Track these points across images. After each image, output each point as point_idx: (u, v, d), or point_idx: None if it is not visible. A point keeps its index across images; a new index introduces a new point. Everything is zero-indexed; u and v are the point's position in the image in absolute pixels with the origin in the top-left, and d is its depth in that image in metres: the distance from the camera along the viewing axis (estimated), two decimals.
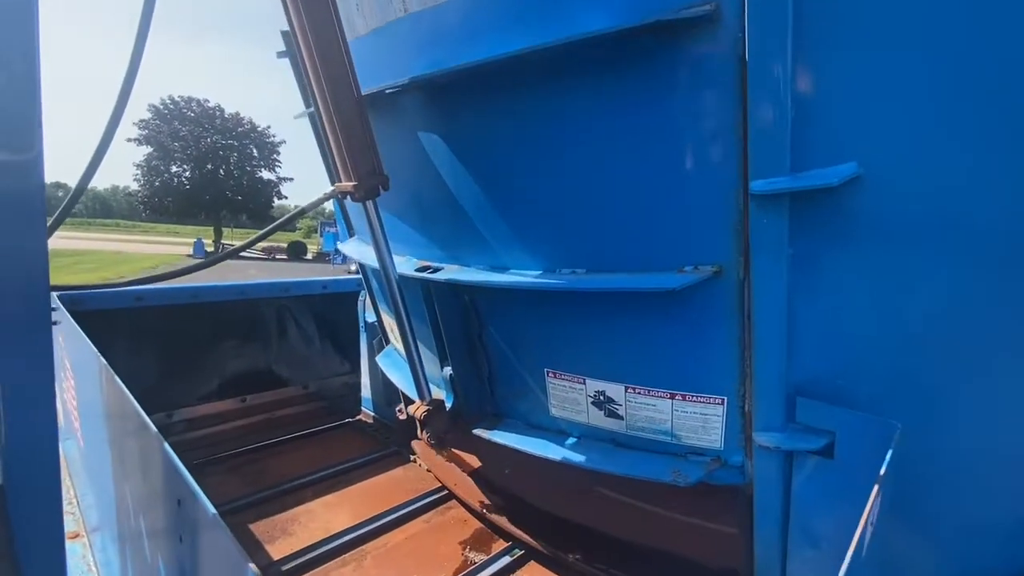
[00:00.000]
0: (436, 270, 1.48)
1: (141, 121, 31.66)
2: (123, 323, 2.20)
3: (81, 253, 24.26)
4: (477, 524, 1.90)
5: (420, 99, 1.34)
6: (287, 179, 35.72)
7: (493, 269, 1.39)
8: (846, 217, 0.93)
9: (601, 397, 1.36)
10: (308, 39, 1.09)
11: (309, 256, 29.40)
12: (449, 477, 2.04)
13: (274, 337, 2.68)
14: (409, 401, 2.29)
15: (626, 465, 1.34)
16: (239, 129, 33.56)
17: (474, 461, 2.13)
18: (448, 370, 1.65)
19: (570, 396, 1.43)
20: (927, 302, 0.95)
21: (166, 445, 0.74)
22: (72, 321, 1.63)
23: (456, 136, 1.32)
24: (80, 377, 1.59)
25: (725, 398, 1.17)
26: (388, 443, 2.50)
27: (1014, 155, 0.83)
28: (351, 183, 1.16)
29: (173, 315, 2.36)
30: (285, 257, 27.71)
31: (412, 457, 2.33)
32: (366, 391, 2.78)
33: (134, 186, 33.53)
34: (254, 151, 34.37)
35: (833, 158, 0.90)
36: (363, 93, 1.23)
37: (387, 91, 1.30)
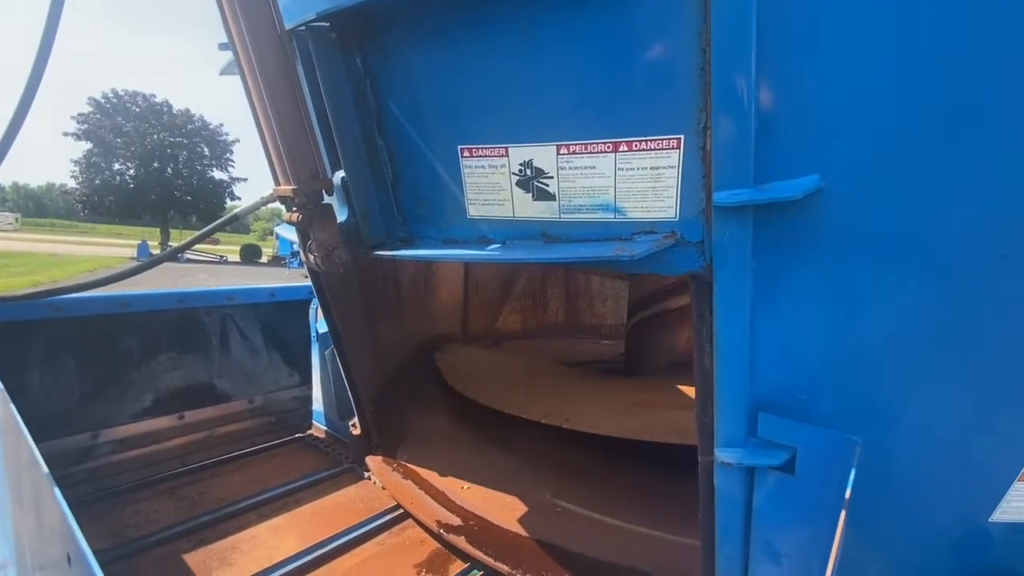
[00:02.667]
0: None
1: (80, 115, 29.84)
2: (40, 336, 1.99)
3: (11, 255, 22.51)
4: (434, 545, 1.81)
5: None
6: (240, 179, 34.37)
7: None
8: (808, 231, 0.91)
9: (528, 171, 1.13)
10: (240, 28, 0.99)
11: (264, 260, 28.39)
12: (404, 495, 1.95)
13: (216, 349, 2.51)
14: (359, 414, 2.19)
15: (558, 252, 1.15)
16: (189, 126, 32.09)
17: (432, 477, 2.05)
18: (340, 174, 1.31)
19: (490, 180, 1.20)
20: (886, 317, 0.94)
21: (56, 490, 0.63)
22: None
23: None
24: None
25: (682, 137, 0.96)
26: (341, 459, 2.37)
27: (977, 169, 0.83)
28: (290, 187, 1.07)
29: (100, 327, 2.15)
30: (239, 260, 26.68)
31: (366, 474, 2.22)
32: (318, 404, 2.64)
33: (72, 184, 31.48)
34: (205, 149, 32.95)
35: (796, 171, 0.89)
36: None
37: None
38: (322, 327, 2.39)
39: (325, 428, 2.63)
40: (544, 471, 2.08)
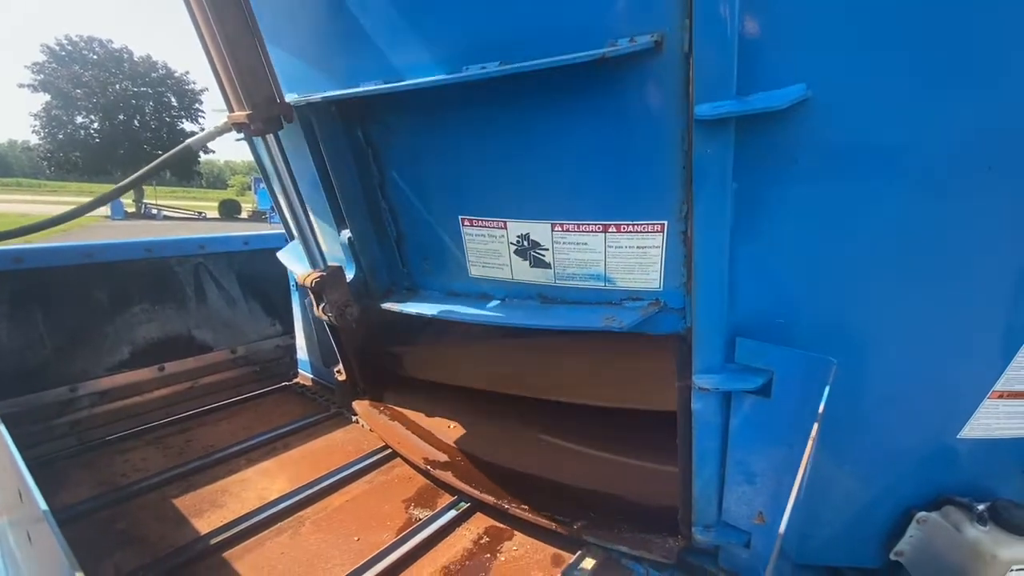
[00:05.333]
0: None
1: (35, 64, 27.97)
2: (1, 289, 1.92)
3: None
4: (422, 481, 1.85)
5: None
6: None
7: (387, 83, 1.14)
8: (792, 146, 0.87)
9: (525, 243, 1.20)
10: None
11: (244, 215, 27.72)
12: (392, 435, 1.97)
13: (192, 299, 2.44)
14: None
15: (554, 318, 1.21)
16: (153, 74, 30.32)
17: (419, 418, 2.07)
18: (347, 233, 1.40)
19: (490, 248, 1.26)
20: (867, 234, 0.92)
21: (3, 427, 0.61)
22: None
23: None
24: None
25: (664, 223, 1.04)
26: (328, 405, 2.39)
27: (967, 77, 0.79)
28: (244, 112, 0.99)
29: (65, 277, 2.07)
30: (218, 216, 26.03)
31: (353, 418, 2.24)
32: (302, 352, 2.63)
33: (34, 139, 29.95)
34: (172, 100, 31.32)
35: (781, 81, 0.83)
36: None
37: None
38: None
39: (311, 376, 2.63)
40: (528, 409, 2.11)
